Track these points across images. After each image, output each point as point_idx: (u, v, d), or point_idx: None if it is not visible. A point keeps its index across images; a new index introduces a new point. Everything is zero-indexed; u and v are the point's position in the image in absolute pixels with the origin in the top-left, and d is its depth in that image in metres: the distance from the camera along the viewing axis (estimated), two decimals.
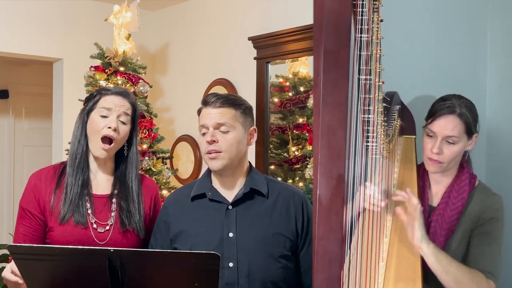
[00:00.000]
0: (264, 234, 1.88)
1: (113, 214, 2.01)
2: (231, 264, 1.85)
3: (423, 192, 1.97)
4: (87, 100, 2.07)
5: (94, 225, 1.98)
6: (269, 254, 1.87)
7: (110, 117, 1.98)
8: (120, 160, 2.08)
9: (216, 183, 1.97)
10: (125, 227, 2.01)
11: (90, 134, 2.00)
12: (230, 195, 1.94)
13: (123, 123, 2.00)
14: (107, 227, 2.00)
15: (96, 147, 1.98)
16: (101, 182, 2.06)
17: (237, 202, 1.91)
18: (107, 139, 1.97)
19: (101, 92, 2.04)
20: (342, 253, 1.51)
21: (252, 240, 1.87)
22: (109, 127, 1.96)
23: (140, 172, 3.67)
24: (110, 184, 2.06)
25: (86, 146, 2.02)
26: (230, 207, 1.91)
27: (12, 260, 1.83)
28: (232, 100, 1.92)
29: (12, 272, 1.79)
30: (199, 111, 1.96)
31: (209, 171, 2.00)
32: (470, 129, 1.88)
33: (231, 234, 1.88)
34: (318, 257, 1.50)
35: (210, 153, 1.88)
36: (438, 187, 1.98)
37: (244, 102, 1.95)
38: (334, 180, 1.47)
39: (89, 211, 1.99)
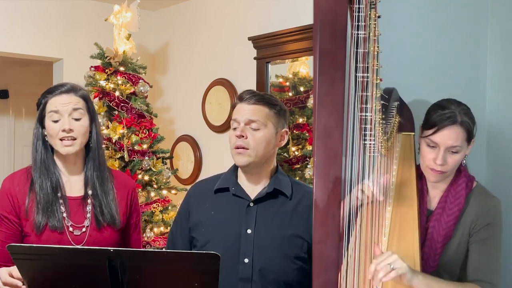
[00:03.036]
0: (281, 234, 1.89)
1: (88, 215, 1.99)
2: (246, 260, 1.87)
3: (421, 195, 1.95)
4: (37, 106, 2.02)
5: (70, 228, 1.95)
6: (285, 254, 1.88)
7: (62, 119, 1.94)
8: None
9: (241, 178, 1.97)
10: (100, 225, 1.98)
11: (50, 140, 1.97)
12: (253, 192, 1.95)
13: (77, 119, 1.96)
14: (84, 229, 1.97)
15: (59, 148, 1.95)
16: (75, 184, 2.02)
17: (259, 200, 1.93)
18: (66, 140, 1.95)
19: (45, 96, 1.99)
20: (339, 257, 1.49)
21: (269, 238, 1.88)
22: (63, 130, 1.93)
23: (139, 172, 3.71)
24: (83, 185, 2.03)
25: (45, 152, 1.99)
26: (251, 204, 1.92)
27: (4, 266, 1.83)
28: (267, 99, 1.93)
29: (11, 276, 1.77)
30: (233, 106, 1.97)
31: (235, 166, 2.00)
32: (471, 135, 1.86)
33: (249, 231, 1.89)
34: (315, 262, 1.48)
35: (237, 148, 1.89)
36: (436, 191, 1.96)
37: (279, 103, 1.96)
38: (331, 183, 1.45)
39: (64, 215, 1.96)
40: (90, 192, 2.01)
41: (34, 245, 1.85)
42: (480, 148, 2.41)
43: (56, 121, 1.94)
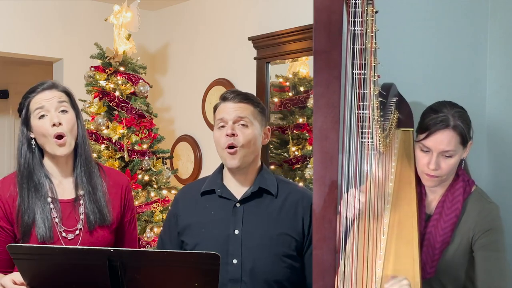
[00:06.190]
0: (270, 233, 1.89)
1: (81, 217, 1.94)
2: (235, 261, 1.86)
3: (420, 199, 1.92)
4: (19, 111, 1.95)
5: (64, 234, 1.91)
6: (274, 253, 1.88)
7: (49, 114, 1.88)
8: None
9: (227, 179, 1.97)
10: (92, 226, 1.93)
11: (41, 139, 1.90)
12: (239, 192, 1.94)
13: (64, 111, 1.90)
14: (77, 232, 1.93)
15: (53, 147, 1.89)
16: (67, 185, 1.97)
17: (245, 200, 1.92)
18: (59, 136, 1.88)
19: (27, 96, 1.92)
20: (335, 262, 1.47)
21: (257, 238, 1.88)
22: (54, 124, 1.86)
23: (139, 172, 3.71)
24: (74, 186, 1.97)
25: (32, 156, 1.93)
26: (237, 204, 1.92)
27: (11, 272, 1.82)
28: (251, 98, 1.95)
29: (14, 283, 1.75)
30: (215, 107, 1.96)
31: (221, 167, 2.00)
32: (465, 139, 1.82)
33: (236, 231, 1.89)
34: (313, 267, 1.47)
35: (230, 148, 1.88)
36: (434, 195, 1.94)
37: (260, 102, 1.98)
38: (327, 187, 1.42)
39: (56, 220, 1.91)
40: (81, 192, 1.96)
41: (34, 245, 1.84)
42: (480, 148, 2.41)
43: (43, 116, 1.88)
